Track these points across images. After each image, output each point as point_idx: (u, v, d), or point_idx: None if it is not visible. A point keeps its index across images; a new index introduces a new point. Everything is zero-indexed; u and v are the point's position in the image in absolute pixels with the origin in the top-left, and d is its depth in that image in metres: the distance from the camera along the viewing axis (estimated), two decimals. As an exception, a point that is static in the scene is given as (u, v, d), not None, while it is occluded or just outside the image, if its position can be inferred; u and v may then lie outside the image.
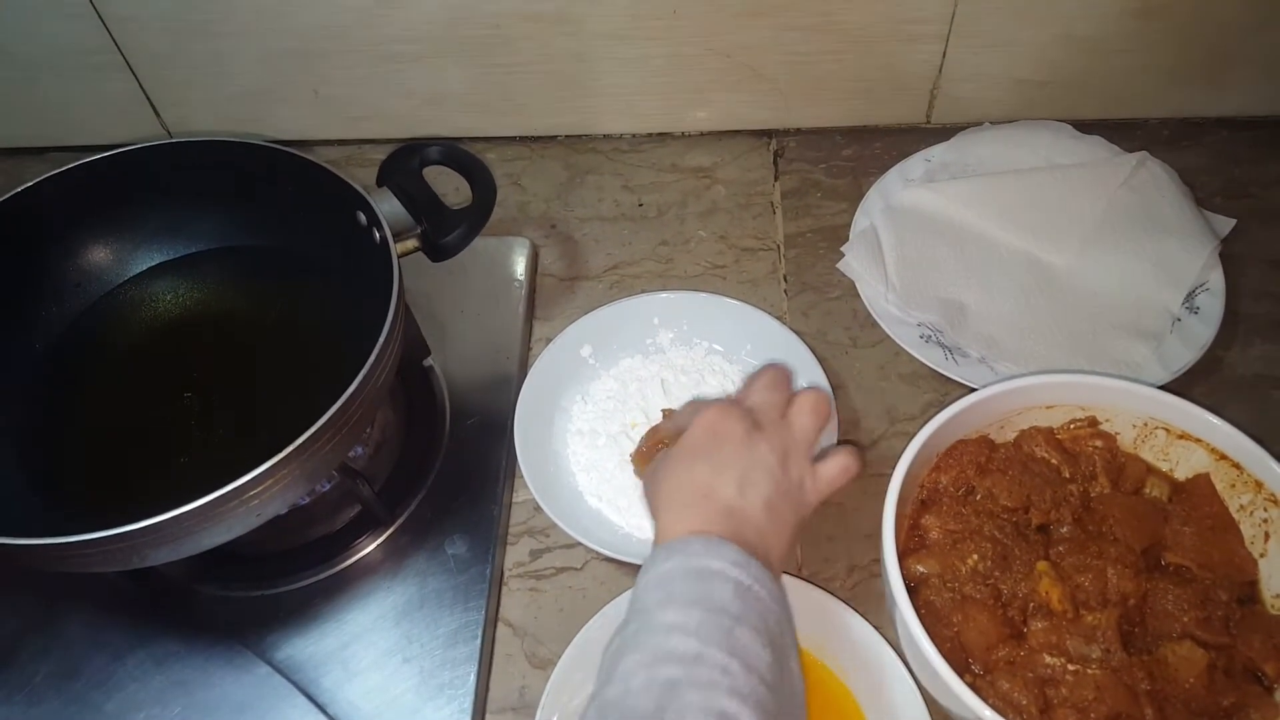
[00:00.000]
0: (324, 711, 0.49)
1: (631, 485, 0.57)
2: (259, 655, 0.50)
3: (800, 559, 0.55)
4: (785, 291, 0.67)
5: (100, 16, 0.67)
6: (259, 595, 0.53)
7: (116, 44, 0.69)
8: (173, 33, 0.68)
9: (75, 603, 0.53)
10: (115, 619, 0.52)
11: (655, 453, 0.52)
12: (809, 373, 0.58)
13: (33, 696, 0.50)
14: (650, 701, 0.34)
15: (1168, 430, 0.52)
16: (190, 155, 0.56)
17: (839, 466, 0.46)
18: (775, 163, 0.75)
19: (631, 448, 0.57)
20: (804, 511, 0.45)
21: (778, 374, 0.50)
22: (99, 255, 0.58)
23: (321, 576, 0.54)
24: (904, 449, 0.49)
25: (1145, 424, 0.52)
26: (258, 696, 0.49)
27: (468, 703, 0.49)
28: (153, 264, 0.59)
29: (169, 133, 0.76)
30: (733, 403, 0.47)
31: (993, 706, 0.41)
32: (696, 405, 0.48)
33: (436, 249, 0.54)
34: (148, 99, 0.73)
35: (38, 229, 0.55)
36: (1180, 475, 0.52)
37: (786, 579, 0.52)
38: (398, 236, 0.52)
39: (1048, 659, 0.45)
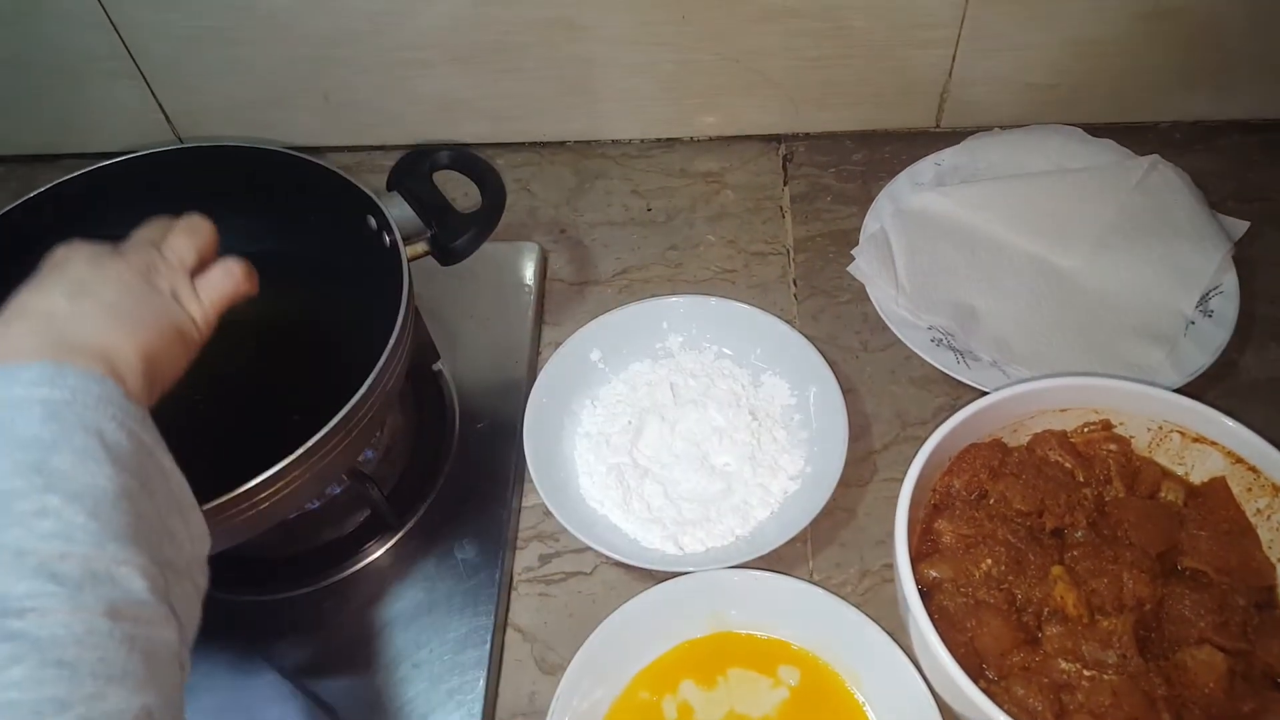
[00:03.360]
0: (333, 716, 0.49)
1: (641, 489, 0.56)
2: (267, 660, 0.50)
3: (812, 564, 0.55)
4: (795, 295, 0.67)
5: (113, 24, 0.68)
6: (267, 600, 0.53)
7: (129, 51, 0.70)
8: (185, 40, 0.69)
9: (85, 607, 0.53)
10: (125, 623, 0.52)
11: None
12: (819, 377, 0.58)
13: (42, 701, 0.50)
14: None
15: (1183, 433, 0.51)
16: (201, 160, 0.56)
17: (220, 271, 0.43)
18: (784, 167, 0.75)
19: (631, 449, 0.57)
20: (186, 324, 0.40)
21: (161, 219, 0.45)
22: (110, 260, 0.58)
23: (330, 581, 0.54)
24: (916, 453, 0.49)
25: (1160, 427, 0.52)
26: (266, 701, 0.49)
27: (477, 708, 0.49)
28: (164, 269, 0.59)
29: (180, 139, 0.76)
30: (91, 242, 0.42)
31: (1008, 712, 0.41)
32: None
33: (446, 253, 0.54)
34: (160, 106, 0.74)
35: (49, 235, 0.55)
36: (1196, 479, 0.52)
37: (796, 583, 0.52)
38: (407, 241, 0.52)
39: (1063, 664, 0.44)
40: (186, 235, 0.43)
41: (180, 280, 0.41)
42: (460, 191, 0.61)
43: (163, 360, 0.39)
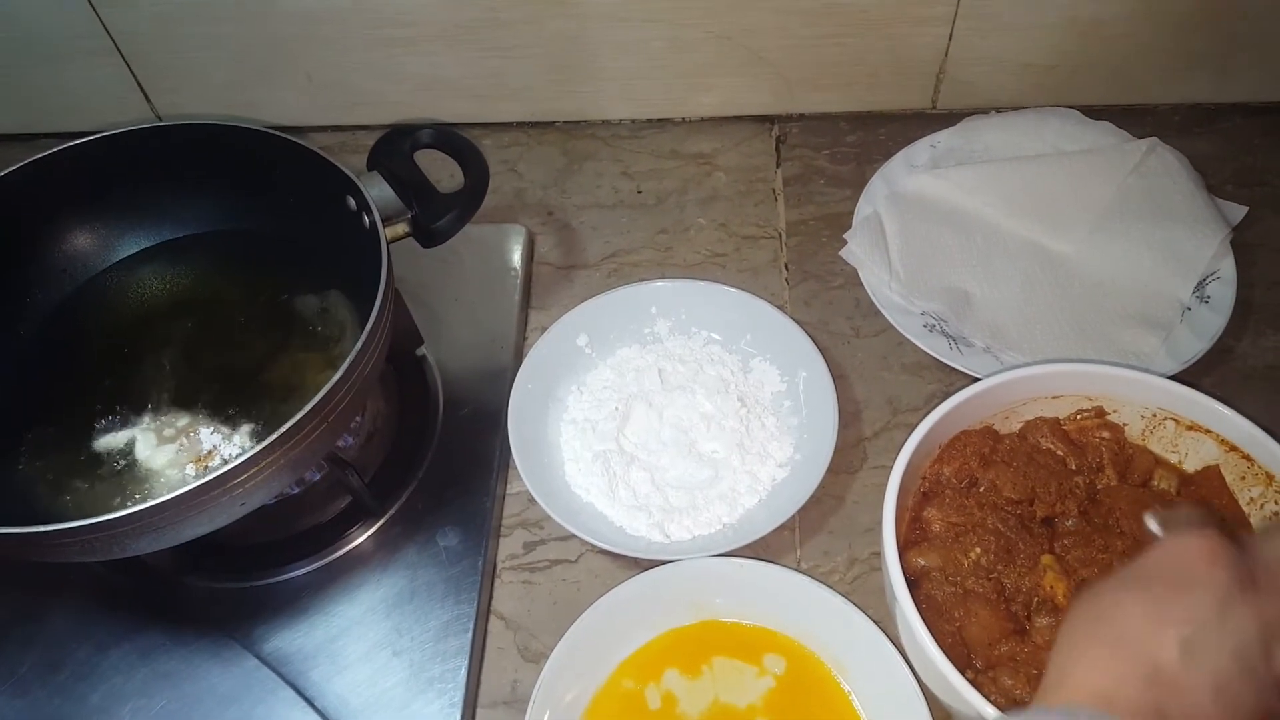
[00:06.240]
0: (312, 705, 0.48)
1: (627, 476, 0.55)
2: (246, 648, 0.50)
3: (799, 552, 0.54)
4: (786, 280, 0.66)
5: (90, 1, 0.66)
6: (247, 587, 0.53)
7: (106, 28, 0.68)
8: (163, 17, 0.67)
9: (61, 594, 0.52)
10: (101, 611, 0.52)
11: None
12: (810, 363, 0.57)
13: (18, 688, 0.49)
14: None
15: (1177, 421, 0.51)
16: (177, 139, 0.55)
17: None
18: (777, 149, 0.73)
19: (618, 435, 0.56)
20: (1266, 715, 0.33)
21: None
22: (85, 240, 0.57)
23: (310, 568, 0.53)
24: (906, 440, 0.48)
25: (1154, 415, 0.51)
26: (244, 689, 0.48)
27: (458, 696, 0.49)
28: (139, 249, 0.58)
29: (160, 118, 0.75)
30: (1229, 542, 0.35)
31: (995, 703, 0.40)
32: (1183, 524, 0.37)
33: (428, 234, 0.53)
34: (139, 84, 0.72)
35: (23, 214, 0.54)
36: (1189, 467, 0.51)
37: (783, 572, 0.51)
38: (388, 221, 0.51)
39: (1052, 655, 0.43)
40: None
41: None
42: (446, 173, 0.60)
43: None
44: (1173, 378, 0.51)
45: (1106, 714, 0.31)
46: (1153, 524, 0.41)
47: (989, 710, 0.40)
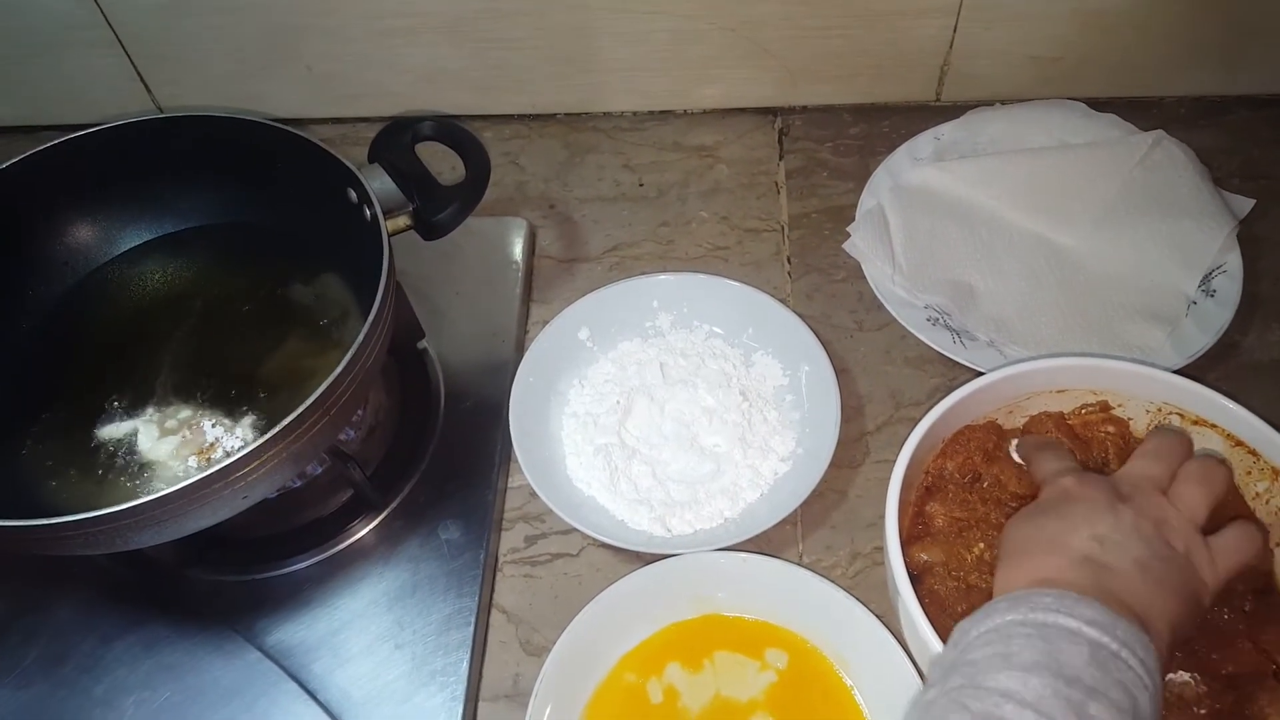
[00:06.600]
0: (314, 698, 0.48)
1: (629, 470, 0.55)
2: (249, 640, 0.50)
3: (801, 547, 0.54)
4: (789, 273, 0.66)
5: (90, -9, 0.66)
6: (250, 580, 0.53)
7: (107, 19, 0.68)
8: (164, 8, 0.67)
9: (65, 586, 0.52)
10: (105, 603, 0.52)
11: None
12: (812, 357, 0.57)
13: (21, 680, 0.49)
14: None
15: (1182, 416, 0.50)
16: (178, 131, 0.55)
17: (1238, 535, 0.40)
18: (780, 141, 0.73)
19: (619, 429, 0.56)
20: (1201, 591, 0.39)
21: (1163, 443, 0.44)
22: (86, 233, 0.57)
23: (313, 561, 0.53)
24: (909, 435, 0.48)
25: (1159, 409, 0.51)
26: (247, 682, 0.48)
27: (460, 690, 0.49)
28: (141, 241, 0.58)
29: (161, 110, 0.74)
30: (1096, 472, 0.42)
31: (997, 699, 0.40)
32: (1054, 470, 0.44)
33: (429, 227, 0.53)
34: (139, 76, 0.72)
35: (23, 207, 0.54)
36: (1194, 462, 0.51)
37: (785, 566, 0.51)
38: (389, 214, 0.51)
39: (1055, 651, 0.43)
40: (1199, 485, 0.41)
41: (1194, 541, 0.39)
42: (447, 165, 0.60)
43: (1179, 630, 0.37)
44: (1178, 372, 0.51)
45: (1052, 588, 0.35)
46: (1014, 451, 0.50)
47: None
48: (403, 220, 0.52)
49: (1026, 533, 0.40)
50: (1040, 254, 0.63)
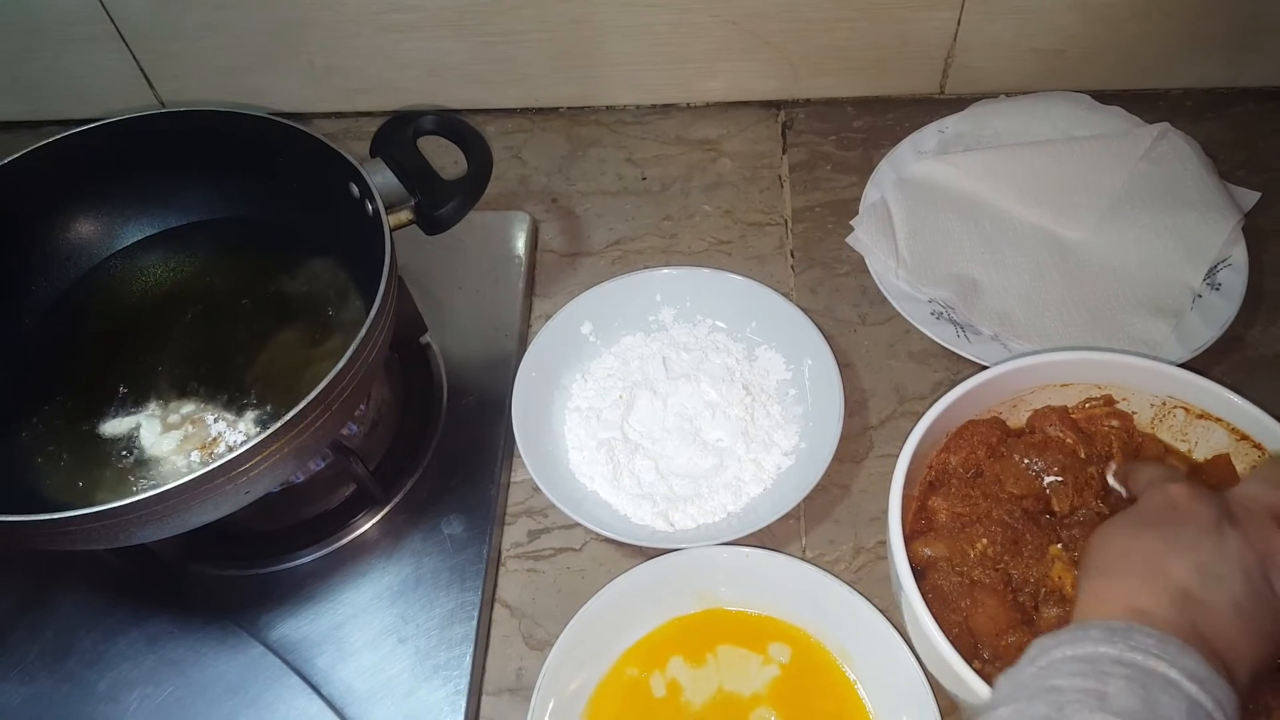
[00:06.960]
0: (318, 692, 0.48)
1: (632, 465, 0.55)
2: (253, 635, 0.50)
3: (805, 541, 0.54)
4: (792, 267, 0.66)
5: (92, -14, 0.66)
6: (253, 574, 0.53)
7: (109, 14, 0.68)
8: (166, 2, 0.67)
9: (68, 581, 0.52)
10: (109, 598, 0.52)
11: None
12: (815, 351, 0.57)
13: (25, 675, 0.49)
14: None
15: (1186, 409, 0.50)
16: (181, 126, 0.55)
17: None
18: (784, 135, 0.73)
19: (622, 423, 0.56)
20: None
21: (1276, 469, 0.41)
22: (88, 228, 0.57)
23: (316, 556, 0.53)
24: (912, 429, 0.48)
25: (1163, 403, 0.51)
26: (251, 676, 0.49)
27: (463, 684, 0.49)
28: (143, 236, 0.58)
29: (163, 105, 0.74)
30: (1202, 486, 0.39)
31: (1001, 693, 0.40)
32: (1160, 475, 0.42)
33: (431, 221, 0.53)
34: (142, 71, 0.72)
35: (26, 201, 0.54)
36: (1199, 456, 0.51)
37: (788, 560, 0.51)
38: (391, 208, 0.51)
39: (1059, 645, 0.43)
40: None
41: None
42: (450, 159, 0.59)
43: (1257, 675, 0.35)
44: (1183, 365, 0.51)
45: (1146, 626, 0.33)
46: (1112, 479, 0.47)
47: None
48: (405, 215, 0.52)
49: (1123, 545, 0.37)
50: (1045, 247, 0.63)
